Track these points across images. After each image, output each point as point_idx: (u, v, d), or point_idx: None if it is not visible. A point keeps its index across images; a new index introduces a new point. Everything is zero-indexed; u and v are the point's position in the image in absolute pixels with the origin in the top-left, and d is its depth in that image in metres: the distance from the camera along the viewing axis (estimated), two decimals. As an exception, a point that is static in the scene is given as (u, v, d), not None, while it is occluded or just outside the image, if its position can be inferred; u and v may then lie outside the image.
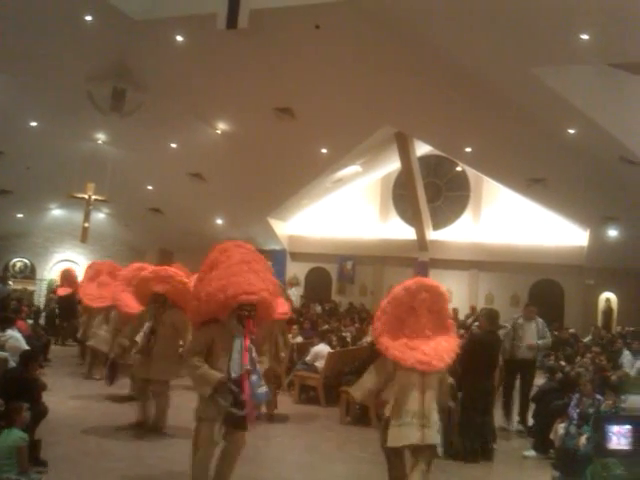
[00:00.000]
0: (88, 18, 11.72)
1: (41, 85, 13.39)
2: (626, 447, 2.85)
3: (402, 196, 20.37)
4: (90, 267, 12.33)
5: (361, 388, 5.40)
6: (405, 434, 4.91)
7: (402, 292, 5.20)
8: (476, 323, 11.39)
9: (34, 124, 15.09)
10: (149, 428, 7.02)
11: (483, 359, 7.11)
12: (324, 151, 16.13)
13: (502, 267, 18.59)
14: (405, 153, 17.90)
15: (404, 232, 20.20)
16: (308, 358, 9.72)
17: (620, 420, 3.21)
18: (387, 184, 21.07)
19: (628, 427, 2.87)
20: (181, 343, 7.17)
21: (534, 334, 8.47)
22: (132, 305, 8.07)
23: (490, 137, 14.15)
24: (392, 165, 19.82)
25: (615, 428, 3.00)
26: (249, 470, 5.58)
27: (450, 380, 7.13)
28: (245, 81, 13.38)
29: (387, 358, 5.11)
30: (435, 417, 4.94)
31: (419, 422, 4.91)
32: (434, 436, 4.88)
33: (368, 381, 5.30)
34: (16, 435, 4.96)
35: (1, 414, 5.15)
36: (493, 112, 12.85)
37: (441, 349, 5.12)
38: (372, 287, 20.73)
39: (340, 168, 17.83)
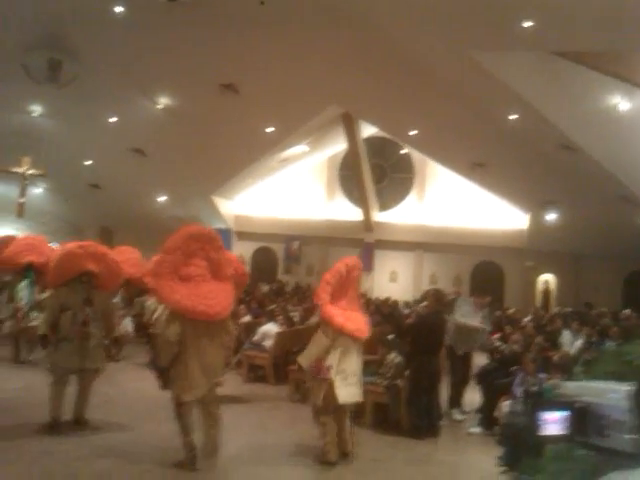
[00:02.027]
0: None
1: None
2: (560, 432, 2.88)
3: (348, 177, 20.41)
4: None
5: (309, 356, 5.94)
6: (352, 392, 5.88)
7: (342, 267, 6.10)
8: (424, 303, 11.51)
9: (-36, 94, 14.25)
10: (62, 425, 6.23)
11: (430, 339, 7.19)
12: (270, 129, 15.92)
13: (446, 248, 18.94)
14: (351, 134, 17.92)
15: (350, 213, 20.28)
16: (256, 337, 9.62)
17: (553, 405, 3.22)
18: (334, 164, 21.06)
19: (562, 413, 2.89)
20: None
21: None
22: None
23: (434, 120, 14.29)
24: (339, 146, 19.80)
25: (548, 414, 3.00)
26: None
27: (398, 359, 7.25)
28: (188, 55, 12.99)
29: (330, 326, 5.84)
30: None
31: (358, 382, 5.97)
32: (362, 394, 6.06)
33: (315, 348, 5.90)
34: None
35: None
36: (437, 96, 12.97)
37: (363, 321, 6.26)
38: (318, 267, 20.74)
39: (286, 147, 17.68)
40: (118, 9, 11.76)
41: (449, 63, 11.70)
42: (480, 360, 9.22)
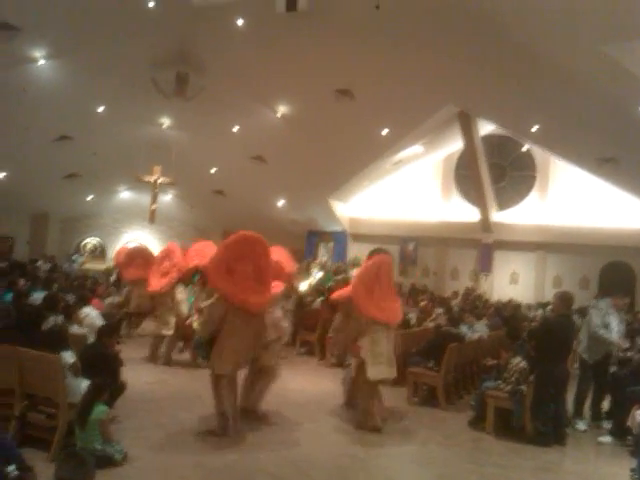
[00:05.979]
0: (151, 4, 11.87)
1: (107, 71, 13.64)
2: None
3: (465, 177, 19.97)
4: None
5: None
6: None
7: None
8: (549, 307, 11.10)
9: (100, 110, 15.45)
10: None
11: (557, 343, 6.92)
12: (385, 132, 15.96)
13: (570, 249, 18.00)
14: (468, 133, 17.54)
15: (467, 213, 19.83)
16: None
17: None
18: (449, 164, 20.70)
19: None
20: None
21: (620, 328, 7.93)
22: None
23: (558, 115, 13.64)
24: (454, 145, 19.46)
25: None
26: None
27: (522, 363, 7.05)
28: (304, 63, 13.34)
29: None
30: None
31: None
32: None
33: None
34: (99, 409, 5.20)
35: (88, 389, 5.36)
36: (560, 89, 12.37)
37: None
38: (435, 269, 20.53)
39: (401, 149, 17.63)
40: (239, 22, 12.33)
41: (574, 55, 11.12)
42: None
